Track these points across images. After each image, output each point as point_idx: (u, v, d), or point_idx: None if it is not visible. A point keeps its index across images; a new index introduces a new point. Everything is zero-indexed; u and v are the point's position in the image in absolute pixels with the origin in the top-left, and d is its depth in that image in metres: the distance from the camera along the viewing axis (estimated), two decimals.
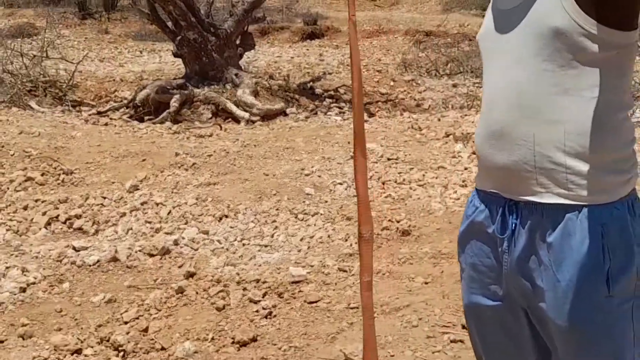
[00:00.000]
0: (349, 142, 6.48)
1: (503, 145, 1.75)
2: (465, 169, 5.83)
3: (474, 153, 6.13)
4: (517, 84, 1.72)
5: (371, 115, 8.61)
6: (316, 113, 8.67)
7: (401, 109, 9.03)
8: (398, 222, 4.76)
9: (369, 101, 9.33)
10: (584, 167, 1.69)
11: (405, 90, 9.93)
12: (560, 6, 1.65)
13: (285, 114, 8.43)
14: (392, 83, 10.25)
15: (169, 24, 8.85)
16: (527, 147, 1.71)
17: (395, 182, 5.57)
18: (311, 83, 9.71)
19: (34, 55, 9.56)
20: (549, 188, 1.71)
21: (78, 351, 3.59)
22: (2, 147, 6.60)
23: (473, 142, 5.65)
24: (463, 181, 5.53)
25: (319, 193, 5.42)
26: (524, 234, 1.76)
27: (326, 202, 5.25)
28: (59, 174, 6.06)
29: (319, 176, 5.73)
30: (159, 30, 9.80)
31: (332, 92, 9.43)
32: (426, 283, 4.01)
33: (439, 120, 7.76)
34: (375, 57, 12.65)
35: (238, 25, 9.05)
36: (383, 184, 5.53)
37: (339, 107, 8.99)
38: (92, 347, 3.63)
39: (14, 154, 6.45)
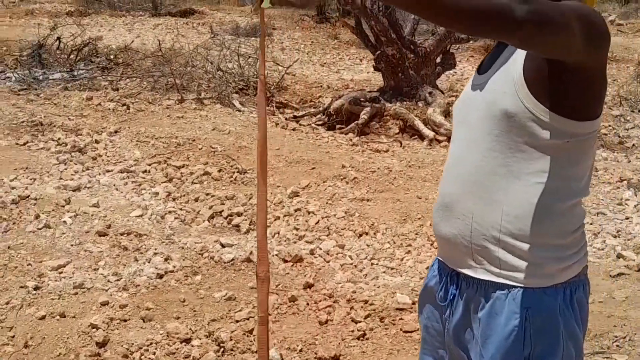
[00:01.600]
0: None
1: (448, 217, 1.81)
2: (627, 218, 5.57)
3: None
4: (468, 160, 1.77)
5: None
6: None
7: (599, 144, 8.67)
8: None
9: None
10: (517, 250, 1.70)
11: (610, 126, 9.50)
12: (513, 90, 1.67)
13: None
14: None
15: (372, 37, 9.11)
16: (465, 223, 1.75)
17: None
18: None
19: (249, 57, 10.21)
20: (483, 264, 1.75)
21: (187, 340, 3.93)
22: (194, 140, 7.20)
23: None
24: (617, 232, 5.30)
25: None
26: (461, 305, 1.81)
27: None
28: (234, 172, 6.51)
29: None
30: None
31: None
32: None
33: (629, 161, 7.41)
34: None
35: (439, 44, 9.12)
36: None
37: None
38: (199, 338, 3.95)
39: (201, 148, 7.01)
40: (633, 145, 8.84)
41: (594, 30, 1.57)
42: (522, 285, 1.72)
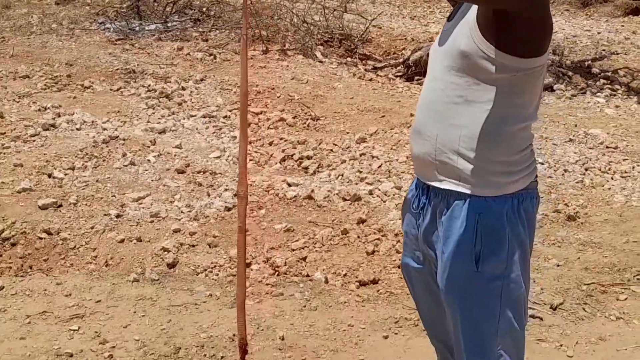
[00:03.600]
0: (575, 125, 6.55)
1: (418, 140, 2.16)
2: None
3: None
4: (434, 92, 2.11)
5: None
6: (585, 93, 8.60)
7: None
8: (570, 206, 4.92)
9: None
10: (471, 165, 2.05)
11: None
12: (468, 32, 1.99)
13: (552, 90, 8.50)
14: None
15: None
16: (431, 143, 2.10)
17: (599, 170, 5.62)
18: (590, 62, 9.57)
19: (334, 9, 10.52)
20: (446, 177, 2.11)
21: (247, 264, 4.37)
22: (273, 89, 7.61)
23: None
24: None
25: None
26: (429, 211, 2.17)
27: None
28: (307, 119, 6.90)
29: None
30: None
31: (609, 73, 9.24)
32: (558, 265, 4.22)
33: None
34: None
35: None
36: (586, 170, 5.61)
37: (612, 89, 8.80)
38: (258, 263, 4.40)
39: (279, 97, 7.42)
40: None
41: None
42: (475, 194, 2.07)
